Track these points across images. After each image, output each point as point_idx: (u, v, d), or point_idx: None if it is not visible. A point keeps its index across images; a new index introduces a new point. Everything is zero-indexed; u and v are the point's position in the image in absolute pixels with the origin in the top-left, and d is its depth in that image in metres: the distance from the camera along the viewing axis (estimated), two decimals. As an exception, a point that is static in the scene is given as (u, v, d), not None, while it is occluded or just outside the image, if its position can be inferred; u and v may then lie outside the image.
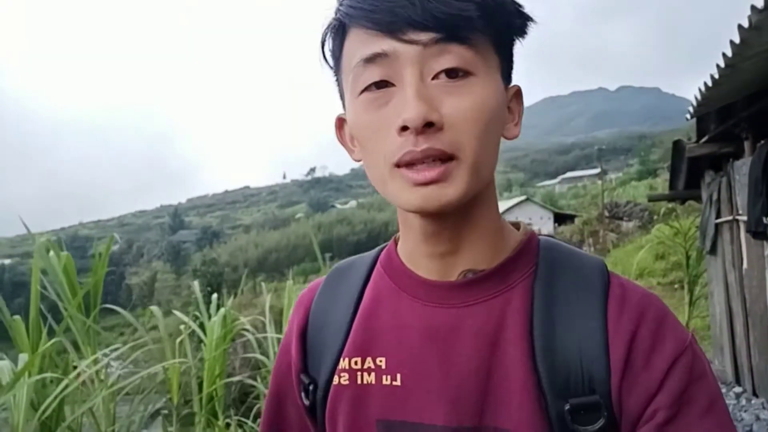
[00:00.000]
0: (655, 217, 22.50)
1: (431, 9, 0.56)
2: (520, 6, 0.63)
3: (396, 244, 0.76)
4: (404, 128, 0.57)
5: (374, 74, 0.59)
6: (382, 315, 0.71)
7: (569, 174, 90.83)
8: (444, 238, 0.66)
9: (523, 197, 39.46)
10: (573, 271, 0.67)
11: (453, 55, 0.58)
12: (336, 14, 0.64)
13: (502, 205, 38.58)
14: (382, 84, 0.60)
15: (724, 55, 2.68)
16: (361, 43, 0.60)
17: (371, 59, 0.59)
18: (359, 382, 0.69)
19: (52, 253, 3.08)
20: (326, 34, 0.66)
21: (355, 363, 0.70)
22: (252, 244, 70.20)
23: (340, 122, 0.71)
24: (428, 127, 0.57)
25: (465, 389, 0.64)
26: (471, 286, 0.67)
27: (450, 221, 0.64)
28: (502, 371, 0.64)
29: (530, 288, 0.66)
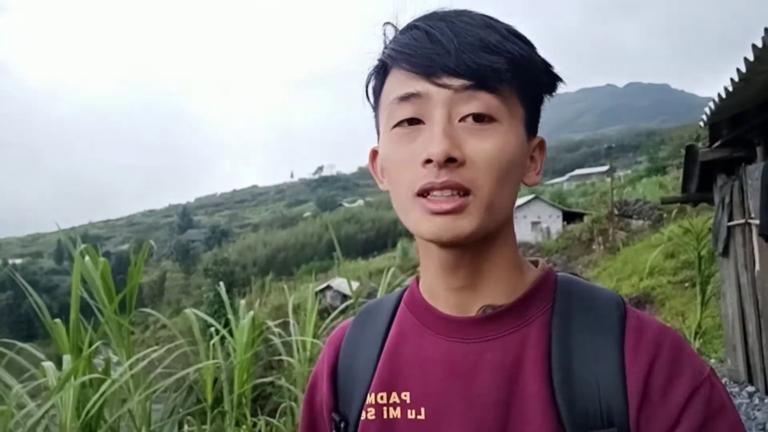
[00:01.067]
0: (665, 215, 22.43)
1: (465, 59, 0.62)
2: (550, 66, 0.69)
3: (418, 282, 0.80)
4: (428, 161, 0.62)
5: (407, 111, 0.65)
6: (406, 350, 0.74)
7: (577, 171, 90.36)
8: (462, 272, 0.70)
9: (532, 196, 39.26)
10: (590, 306, 0.69)
11: (480, 102, 0.63)
12: (381, 55, 0.71)
13: (511, 204, 38.36)
14: (413, 121, 0.65)
15: (738, 70, 2.80)
16: (398, 83, 0.66)
17: (406, 98, 0.65)
18: (385, 416, 0.72)
19: (88, 258, 3.19)
20: (371, 74, 0.73)
21: (381, 398, 0.73)
22: (260, 243, 70.49)
23: (374, 154, 0.77)
24: (450, 162, 0.62)
25: (486, 422, 0.67)
26: (489, 322, 0.69)
27: (468, 255, 0.68)
28: (521, 405, 0.66)
29: (548, 323, 0.69)
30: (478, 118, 0.63)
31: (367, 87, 0.74)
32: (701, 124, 4.43)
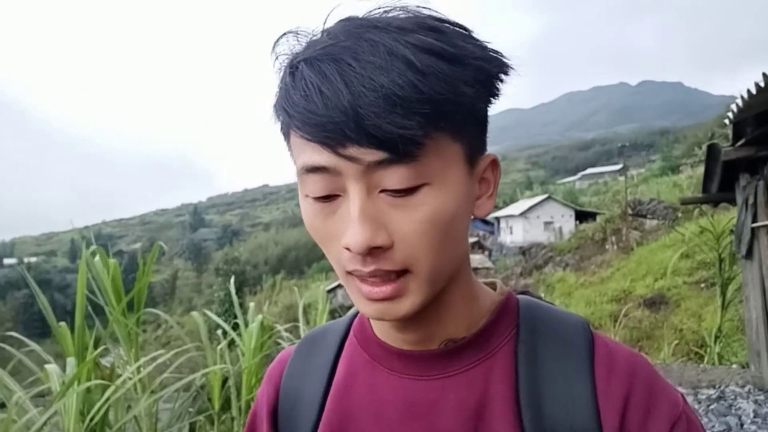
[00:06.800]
0: (680, 214, 22.20)
1: (368, 127, 0.48)
2: (487, 72, 0.55)
3: None
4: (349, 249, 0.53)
5: (318, 188, 0.53)
6: (357, 390, 0.66)
7: (590, 170, 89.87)
8: (413, 327, 0.62)
9: (545, 195, 39.09)
10: (556, 333, 0.63)
11: (398, 177, 0.51)
12: (276, 100, 0.56)
13: (525, 204, 38.34)
14: (327, 197, 0.54)
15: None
16: (301, 147, 0.53)
17: (312, 170, 0.53)
18: None
19: (98, 258, 3.14)
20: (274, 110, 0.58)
21: None
22: (272, 242, 70.87)
23: None
24: (375, 248, 0.52)
25: None
26: (450, 356, 0.63)
27: (415, 315, 0.59)
28: None
29: (512, 353, 0.62)
30: (400, 191, 0.51)
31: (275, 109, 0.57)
32: (726, 121, 4.29)
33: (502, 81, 0.57)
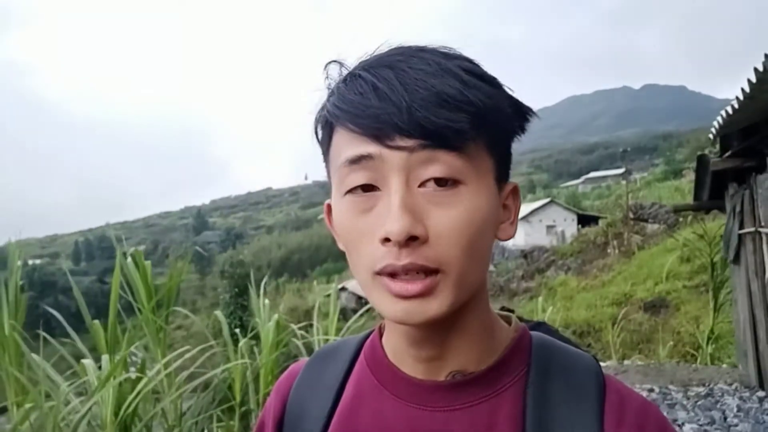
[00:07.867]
0: (681, 219, 22.34)
1: (419, 118, 0.53)
2: (518, 102, 0.62)
3: (381, 333, 0.71)
4: (387, 239, 0.54)
5: (359, 177, 0.56)
6: (363, 414, 0.66)
7: (593, 174, 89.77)
8: (430, 344, 0.63)
9: (547, 199, 39.18)
10: (567, 376, 0.63)
11: (441, 164, 0.54)
12: (323, 110, 0.62)
13: (527, 207, 38.44)
14: (367, 187, 0.57)
15: (742, 89, 2.93)
16: (346, 144, 0.57)
17: (356, 161, 0.56)
18: None
19: (129, 260, 3.35)
20: (317, 123, 0.64)
21: None
22: (275, 244, 70.89)
23: (329, 208, 0.67)
24: (412, 240, 0.54)
25: None
26: (457, 389, 0.63)
27: (437, 328, 0.61)
28: None
29: (522, 393, 0.62)
30: (441, 182, 0.55)
31: (316, 131, 0.65)
32: (710, 136, 4.55)
33: (528, 120, 0.64)
